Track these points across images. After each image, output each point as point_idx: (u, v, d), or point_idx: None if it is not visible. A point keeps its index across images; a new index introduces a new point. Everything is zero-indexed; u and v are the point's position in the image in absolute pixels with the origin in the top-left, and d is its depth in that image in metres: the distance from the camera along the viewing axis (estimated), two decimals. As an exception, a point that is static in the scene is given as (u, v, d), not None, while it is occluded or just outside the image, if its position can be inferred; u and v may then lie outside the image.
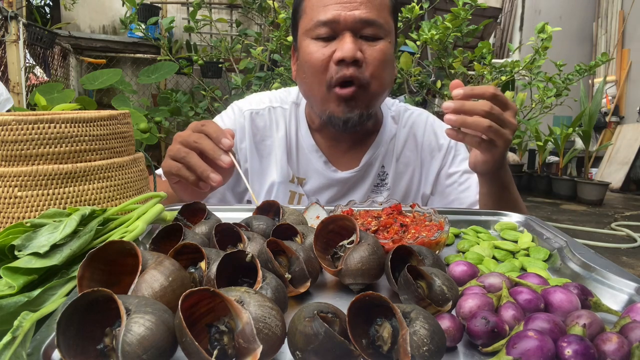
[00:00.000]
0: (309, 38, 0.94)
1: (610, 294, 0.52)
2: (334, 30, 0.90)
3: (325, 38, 0.92)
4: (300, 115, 1.10)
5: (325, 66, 0.91)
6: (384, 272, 0.53)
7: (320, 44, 0.92)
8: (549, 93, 2.68)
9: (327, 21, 0.90)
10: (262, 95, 1.15)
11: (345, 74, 0.89)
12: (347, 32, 0.90)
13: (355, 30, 0.90)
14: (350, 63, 0.89)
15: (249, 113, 1.09)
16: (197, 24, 3.37)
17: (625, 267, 2.93)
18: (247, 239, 0.54)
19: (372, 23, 0.90)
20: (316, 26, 0.91)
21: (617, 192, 5.96)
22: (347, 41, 0.89)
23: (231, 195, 1.11)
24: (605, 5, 7.18)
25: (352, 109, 0.93)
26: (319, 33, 0.92)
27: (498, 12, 5.97)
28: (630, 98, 6.63)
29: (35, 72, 3.98)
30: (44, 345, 0.36)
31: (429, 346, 0.35)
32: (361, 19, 0.89)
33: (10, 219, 0.63)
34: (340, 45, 0.89)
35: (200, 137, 0.78)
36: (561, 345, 0.36)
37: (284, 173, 1.07)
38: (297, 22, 0.99)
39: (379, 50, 0.92)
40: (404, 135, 1.12)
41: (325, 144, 1.08)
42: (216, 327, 0.36)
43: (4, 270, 0.45)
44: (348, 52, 0.88)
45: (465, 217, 0.84)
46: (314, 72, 0.93)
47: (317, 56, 0.92)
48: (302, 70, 0.97)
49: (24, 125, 0.61)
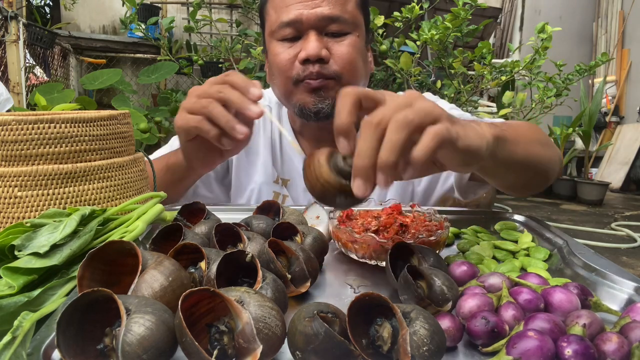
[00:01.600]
0: (274, 40, 0.93)
1: (610, 294, 0.52)
2: (298, 30, 0.90)
3: (291, 39, 0.91)
4: (284, 116, 1.10)
5: (290, 66, 0.91)
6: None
7: (286, 45, 0.92)
8: (549, 93, 2.68)
9: (290, 21, 0.89)
10: None
11: (311, 72, 0.89)
12: (311, 30, 0.89)
13: (319, 28, 0.89)
14: (315, 61, 0.88)
15: None
16: (197, 24, 3.37)
17: (625, 267, 2.93)
18: (247, 239, 0.54)
19: (337, 19, 0.89)
20: (280, 27, 0.91)
21: (617, 192, 5.95)
22: (311, 39, 0.88)
23: (218, 187, 1.10)
24: (605, 5, 7.17)
25: (323, 99, 0.92)
26: (283, 34, 0.91)
27: (498, 12, 5.97)
28: (630, 98, 6.63)
29: (35, 72, 3.98)
30: (44, 345, 0.36)
31: (429, 346, 0.35)
32: (324, 16, 0.88)
33: (10, 219, 0.63)
34: (304, 45, 0.89)
35: (224, 87, 0.67)
36: (561, 345, 0.36)
37: (268, 173, 1.06)
38: (264, 24, 0.99)
39: (347, 45, 0.91)
40: None
41: (308, 145, 1.07)
42: (216, 327, 0.36)
43: (4, 270, 0.45)
44: (312, 51, 0.87)
45: (465, 217, 0.84)
46: (280, 73, 0.93)
47: (282, 57, 0.91)
48: (271, 72, 0.97)
49: (24, 125, 0.61)
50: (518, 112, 2.79)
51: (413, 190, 1.10)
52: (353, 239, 0.62)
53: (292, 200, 1.07)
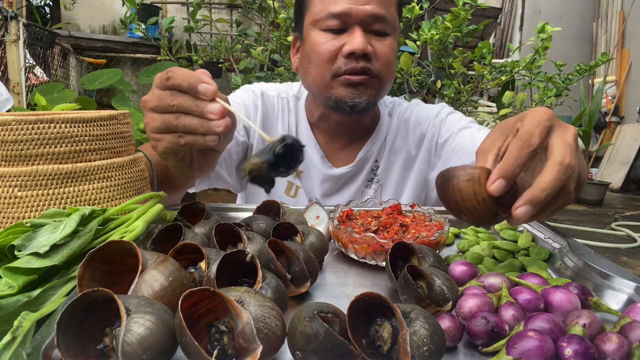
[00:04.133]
0: (317, 29, 0.94)
1: (610, 294, 0.52)
2: (344, 23, 0.91)
3: (335, 30, 0.92)
4: (300, 109, 1.10)
5: (333, 58, 0.92)
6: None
7: (330, 36, 0.92)
8: (549, 93, 2.68)
9: (338, 14, 0.90)
10: (269, 84, 1.15)
11: (355, 66, 0.90)
12: (357, 26, 0.90)
13: (365, 25, 0.91)
14: (360, 56, 0.90)
15: (261, 93, 1.10)
16: (197, 24, 3.37)
17: (625, 267, 2.93)
18: (247, 239, 0.54)
19: (382, 18, 0.91)
20: (326, 18, 0.91)
21: (617, 192, 5.95)
22: (358, 34, 0.89)
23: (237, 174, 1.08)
24: (605, 5, 7.17)
25: (361, 94, 0.93)
26: (329, 25, 0.92)
27: (498, 12, 5.97)
28: (630, 98, 6.63)
29: (35, 72, 3.98)
30: (44, 345, 0.36)
31: (429, 346, 0.35)
32: (372, 14, 0.90)
33: (10, 219, 0.63)
34: (351, 38, 0.90)
35: (172, 96, 0.58)
36: (561, 345, 0.36)
37: None
38: (303, 11, 0.99)
39: (388, 45, 0.93)
40: (395, 126, 1.11)
41: (323, 139, 1.08)
42: (216, 327, 0.36)
43: (4, 270, 0.45)
44: (359, 45, 0.88)
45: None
46: (320, 63, 0.93)
47: (326, 47, 0.92)
48: (308, 61, 0.97)
49: (24, 125, 0.61)
50: (518, 112, 2.79)
51: (427, 196, 1.11)
52: (353, 239, 0.62)
53: (304, 191, 1.08)
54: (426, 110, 1.12)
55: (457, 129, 1.04)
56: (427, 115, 1.11)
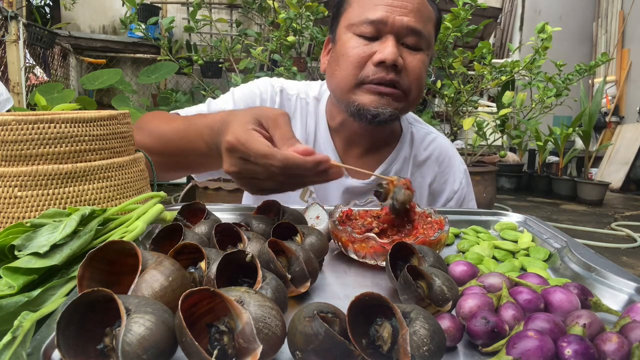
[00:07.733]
0: (350, 32, 0.93)
1: (610, 294, 0.52)
2: (378, 31, 0.89)
3: (368, 37, 0.91)
4: (320, 112, 1.07)
5: (362, 64, 0.90)
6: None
7: (362, 42, 0.91)
8: (549, 93, 2.68)
9: (375, 20, 0.89)
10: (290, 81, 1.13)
11: (384, 77, 0.88)
12: (390, 35, 0.89)
13: (399, 36, 0.89)
14: (389, 67, 0.88)
15: (280, 90, 1.07)
16: (197, 24, 3.37)
17: (625, 267, 2.93)
18: (247, 239, 0.54)
19: (418, 33, 0.90)
20: (362, 23, 0.90)
21: (617, 192, 5.95)
22: (390, 44, 0.88)
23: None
24: (605, 5, 7.17)
25: (387, 105, 0.91)
26: (363, 30, 0.90)
27: (498, 12, 5.96)
28: (630, 98, 6.63)
29: (35, 72, 3.99)
30: (44, 345, 0.36)
31: (429, 346, 0.35)
32: (408, 27, 0.88)
33: (10, 219, 0.62)
34: (382, 47, 0.88)
35: (281, 179, 0.62)
36: (561, 345, 0.36)
37: None
38: (340, 13, 0.97)
39: (419, 60, 0.92)
40: (422, 158, 1.10)
41: (341, 145, 1.06)
42: (216, 327, 0.36)
43: (4, 270, 0.45)
44: (390, 56, 0.86)
45: (465, 217, 0.84)
46: (348, 67, 0.91)
47: (357, 52, 0.90)
48: (336, 63, 0.95)
49: (24, 125, 0.61)
50: (518, 112, 2.79)
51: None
52: (353, 239, 0.62)
53: (317, 196, 1.06)
54: (454, 157, 1.14)
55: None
56: (457, 167, 1.13)
